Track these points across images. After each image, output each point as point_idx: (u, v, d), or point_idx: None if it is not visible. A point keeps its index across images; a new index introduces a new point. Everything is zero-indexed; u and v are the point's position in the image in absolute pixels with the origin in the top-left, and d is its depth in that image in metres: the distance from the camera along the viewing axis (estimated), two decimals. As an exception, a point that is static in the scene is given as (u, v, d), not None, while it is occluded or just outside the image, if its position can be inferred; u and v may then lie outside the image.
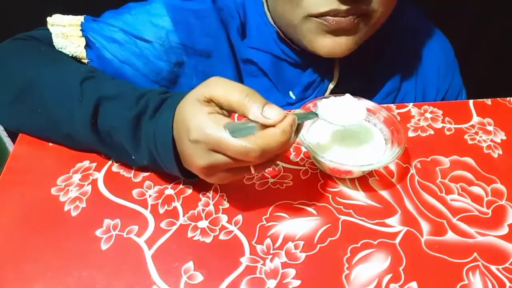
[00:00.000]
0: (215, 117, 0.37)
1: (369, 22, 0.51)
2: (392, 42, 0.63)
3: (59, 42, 0.53)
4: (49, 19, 0.53)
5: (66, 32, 0.53)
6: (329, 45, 0.52)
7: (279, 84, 0.61)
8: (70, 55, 0.53)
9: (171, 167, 0.43)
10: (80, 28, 0.54)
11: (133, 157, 0.45)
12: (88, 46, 0.54)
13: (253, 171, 0.39)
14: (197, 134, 0.37)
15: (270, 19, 0.58)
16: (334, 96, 0.48)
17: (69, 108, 0.45)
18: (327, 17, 0.49)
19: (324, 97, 0.49)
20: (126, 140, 0.43)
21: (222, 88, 0.37)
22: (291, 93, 0.61)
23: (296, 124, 0.38)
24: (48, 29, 0.53)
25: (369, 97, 0.64)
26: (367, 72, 0.63)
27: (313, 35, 0.51)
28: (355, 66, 0.60)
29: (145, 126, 0.43)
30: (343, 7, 0.48)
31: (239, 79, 0.61)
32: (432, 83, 0.67)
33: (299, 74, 0.60)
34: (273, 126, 0.37)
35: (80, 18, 0.54)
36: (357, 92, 0.50)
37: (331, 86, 0.61)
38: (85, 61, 0.54)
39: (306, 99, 0.60)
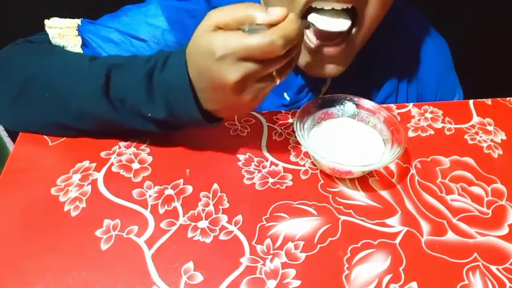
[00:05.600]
0: (229, 31, 0.39)
1: (356, 45, 0.54)
2: (389, 47, 0.64)
3: (56, 43, 0.54)
4: (46, 21, 0.55)
5: (63, 33, 0.54)
6: (318, 71, 0.55)
7: None
8: None
9: (190, 108, 0.43)
10: (77, 29, 0.55)
11: (149, 115, 0.45)
12: (84, 45, 0.55)
13: (277, 80, 0.41)
14: (223, 49, 0.38)
15: None
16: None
17: (80, 83, 0.46)
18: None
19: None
20: (140, 98, 0.44)
21: (222, 10, 0.39)
22: (285, 94, 0.62)
23: (298, 18, 0.40)
24: (46, 33, 0.54)
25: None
26: (360, 75, 0.63)
27: (304, 58, 0.54)
28: (348, 70, 0.60)
29: (158, 78, 0.43)
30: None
31: None
32: (430, 88, 0.68)
33: (292, 75, 0.61)
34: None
35: (77, 21, 0.56)
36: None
37: (323, 89, 0.62)
38: None
39: (300, 101, 0.62)
